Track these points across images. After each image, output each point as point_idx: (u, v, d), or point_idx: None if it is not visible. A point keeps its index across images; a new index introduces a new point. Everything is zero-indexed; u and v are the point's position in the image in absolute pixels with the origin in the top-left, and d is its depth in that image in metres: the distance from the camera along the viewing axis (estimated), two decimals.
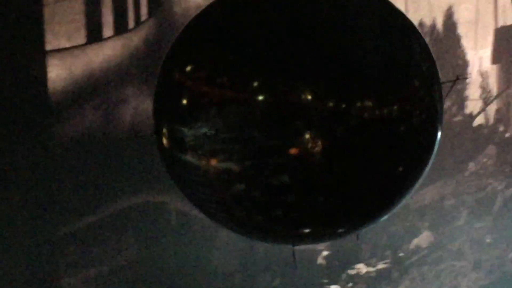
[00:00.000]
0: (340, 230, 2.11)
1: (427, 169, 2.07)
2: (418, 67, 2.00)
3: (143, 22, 4.83)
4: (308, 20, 1.90)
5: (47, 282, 4.56)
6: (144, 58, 4.83)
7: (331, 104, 1.81)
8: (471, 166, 6.92)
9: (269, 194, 1.95)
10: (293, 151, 1.83)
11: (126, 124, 4.83)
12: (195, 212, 4.16)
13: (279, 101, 1.83)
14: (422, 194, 6.46)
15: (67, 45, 4.58)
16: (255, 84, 1.85)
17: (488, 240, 6.80)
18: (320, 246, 5.88)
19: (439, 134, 2.06)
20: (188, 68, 1.98)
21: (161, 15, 4.88)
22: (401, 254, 6.36)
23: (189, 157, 2.06)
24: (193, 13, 3.89)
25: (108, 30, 4.72)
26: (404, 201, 2.08)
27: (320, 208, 1.93)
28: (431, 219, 6.53)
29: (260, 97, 1.84)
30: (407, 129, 1.92)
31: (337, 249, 5.96)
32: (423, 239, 6.47)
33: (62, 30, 4.54)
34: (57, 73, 4.57)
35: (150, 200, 4.93)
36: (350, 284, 6.06)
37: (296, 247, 2.18)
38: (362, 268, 6.17)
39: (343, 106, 1.81)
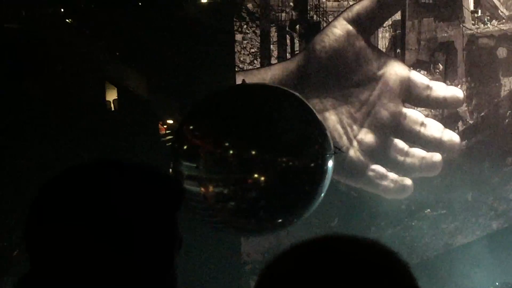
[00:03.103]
0: (279, 221, 4.83)
1: (318, 196, 4.72)
2: (316, 140, 4.68)
3: (296, 54, 7.35)
4: (257, 113, 4.62)
5: None
6: (296, 79, 7.34)
7: (267, 157, 4.46)
8: None
9: (247, 205, 4.55)
10: (250, 180, 4.44)
11: None
12: None
13: (239, 154, 4.44)
14: None
15: (249, 68, 7.37)
16: (227, 144, 4.49)
17: None
18: None
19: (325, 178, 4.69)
20: (191, 127, 4.85)
21: (307, 50, 7.37)
22: None
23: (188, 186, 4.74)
24: (328, 50, 7.40)
25: (273, 59, 7.44)
26: (310, 208, 4.77)
27: (266, 212, 4.62)
28: None
29: (230, 152, 4.49)
30: (304, 173, 4.57)
31: None
32: None
33: (245, 58, 7.34)
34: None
35: None
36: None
37: None
38: None
39: (272, 158, 4.47)
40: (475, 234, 8.79)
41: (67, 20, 7.38)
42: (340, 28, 7.50)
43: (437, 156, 8.16)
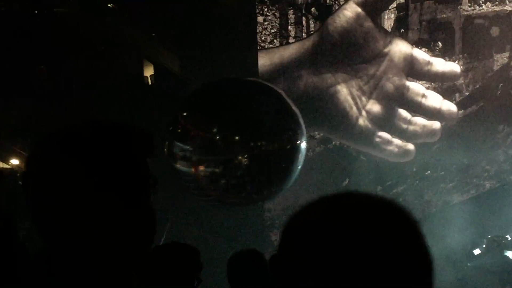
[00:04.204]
0: (265, 193, 5.33)
1: (294, 172, 5.25)
2: (290, 127, 5.16)
3: (311, 34, 8.08)
4: (240, 104, 5.12)
5: None
6: (312, 55, 7.99)
7: (249, 141, 4.95)
8: None
9: (236, 181, 5.00)
10: (236, 161, 4.92)
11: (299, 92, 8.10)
12: None
13: (225, 139, 4.94)
14: None
15: (269, 46, 8.11)
16: (214, 130, 4.97)
17: None
18: None
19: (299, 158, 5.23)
20: (185, 114, 5.24)
21: (321, 30, 8.02)
22: None
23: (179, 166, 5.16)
24: (339, 30, 7.80)
25: (291, 38, 8.14)
26: (288, 182, 5.28)
27: (253, 186, 5.15)
28: None
29: (218, 137, 4.96)
30: (281, 154, 5.11)
31: None
32: None
33: (266, 38, 8.09)
34: (263, 61, 7.92)
35: None
36: None
37: None
38: None
39: (253, 142, 4.99)
40: (470, 193, 9.20)
41: (109, 5, 8.11)
42: (350, 10, 7.94)
43: (436, 124, 8.57)
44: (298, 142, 5.26)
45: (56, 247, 1.31)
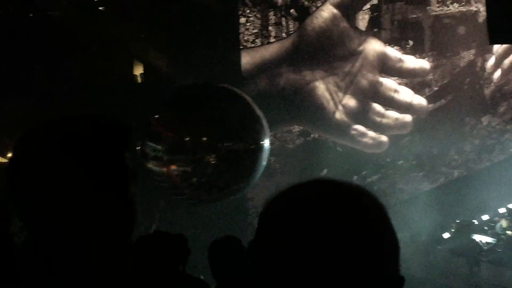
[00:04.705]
0: (234, 188, 5.69)
1: (259, 169, 5.63)
2: (254, 128, 5.52)
3: (290, 34, 8.33)
4: (208, 108, 5.45)
5: None
6: (291, 53, 8.27)
7: (216, 141, 5.32)
8: None
9: (207, 179, 5.33)
10: (205, 160, 5.26)
11: (280, 89, 8.35)
12: None
13: (194, 140, 5.30)
14: None
15: (252, 46, 8.21)
16: (184, 132, 5.28)
17: None
18: None
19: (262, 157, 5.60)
20: (157, 116, 5.57)
21: (300, 30, 8.29)
22: None
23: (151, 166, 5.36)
24: (317, 30, 7.91)
25: (272, 38, 8.31)
26: (254, 177, 5.66)
27: (222, 182, 5.51)
28: None
29: (187, 138, 5.31)
30: (246, 153, 5.49)
31: None
32: None
33: (249, 38, 8.36)
34: (245, 60, 8.19)
35: None
36: None
37: None
38: None
39: (219, 144, 5.37)
40: (439, 181, 9.52)
41: (100, 8, 8.39)
42: (327, 11, 8.23)
43: (408, 117, 8.91)
44: (262, 142, 5.56)
45: (41, 238, 1.31)
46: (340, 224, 1.04)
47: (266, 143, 5.62)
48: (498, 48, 9.70)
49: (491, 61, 9.81)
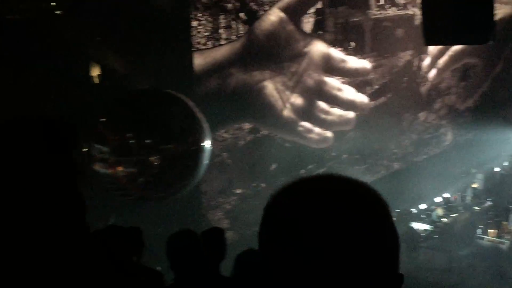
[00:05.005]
0: (179, 186, 5.96)
1: (200, 169, 5.93)
2: (195, 131, 5.81)
3: (240, 36, 8.55)
4: (150, 112, 5.74)
5: None
6: (241, 55, 8.48)
7: (159, 144, 5.57)
8: None
9: (153, 179, 5.56)
10: (149, 161, 5.51)
11: (231, 88, 8.65)
12: None
13: (138, 142, 5.55)
14: None
15: (203, 48, 8.39)
16: (128, 134, 5.56)
17: None
18: None
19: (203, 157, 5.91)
20: (103, 120, 5.79)
21: (249, 33, 8.52)
22: None
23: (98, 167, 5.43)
24: (265, 33, 8.16)
25: (222, 41, 8.50)
26: (196, 176, 5.97)
27: (167, 181, 5.80)
28: None
29: (131, 140, 5.56)
30: (187, 154, 5.81)
31: None
32: None
33: (200, 40, 8.67)
34: (198, 62, 8.37)
35: None
36: None
37: None
38: None
39: (163, 144, 5.65)
40: (380, 173, 9.93)
41: (56, 12, 8.54)
42: (274, 15, 8.51)
43: (351, 114, 9.25)
44: (202, 144, 5.78)
45: None
46: (345, 218, 1.03)
47: (207, 144, 5.81)
48: (433, 49, 10.16)
49: (426, 61, 10.28)
